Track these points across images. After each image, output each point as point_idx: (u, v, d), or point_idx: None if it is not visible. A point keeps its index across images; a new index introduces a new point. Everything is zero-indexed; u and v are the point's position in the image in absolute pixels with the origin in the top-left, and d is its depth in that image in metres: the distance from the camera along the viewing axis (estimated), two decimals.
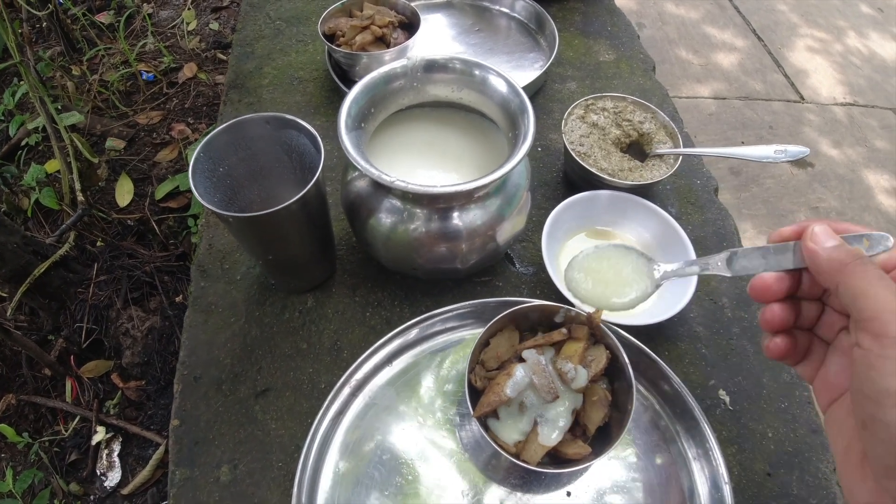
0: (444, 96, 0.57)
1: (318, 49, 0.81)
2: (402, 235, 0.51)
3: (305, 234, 0.52)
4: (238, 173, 0.53)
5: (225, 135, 0.50)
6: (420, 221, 0.51)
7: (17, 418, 1.08)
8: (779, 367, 0.59)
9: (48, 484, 1.02)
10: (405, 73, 0.54)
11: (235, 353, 0.57)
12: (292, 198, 0.47)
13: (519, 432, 0.47)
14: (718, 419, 0.55)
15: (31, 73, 1.12)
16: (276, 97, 0.76)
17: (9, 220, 1.01)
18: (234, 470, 0.51)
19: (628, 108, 0.67)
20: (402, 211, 0.51)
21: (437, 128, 0.60)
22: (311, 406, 0.54)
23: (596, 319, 0.49)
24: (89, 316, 1.08)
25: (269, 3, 0.88)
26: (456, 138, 0.59)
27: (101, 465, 1.05)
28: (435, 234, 0.51)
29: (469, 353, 0.49)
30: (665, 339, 0.59)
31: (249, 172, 0.54)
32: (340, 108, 0.50)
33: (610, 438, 0.47)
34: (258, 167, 0.55)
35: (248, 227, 0.48)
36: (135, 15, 1.55)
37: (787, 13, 2.16)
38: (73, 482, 1.02)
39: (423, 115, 0.60)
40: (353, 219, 0.54)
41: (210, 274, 0.61)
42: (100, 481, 1.03)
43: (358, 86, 0.52)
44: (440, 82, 0.55)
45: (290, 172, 0.55)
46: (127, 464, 1.05)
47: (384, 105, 0.55)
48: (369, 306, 0.59)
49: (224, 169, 0.52)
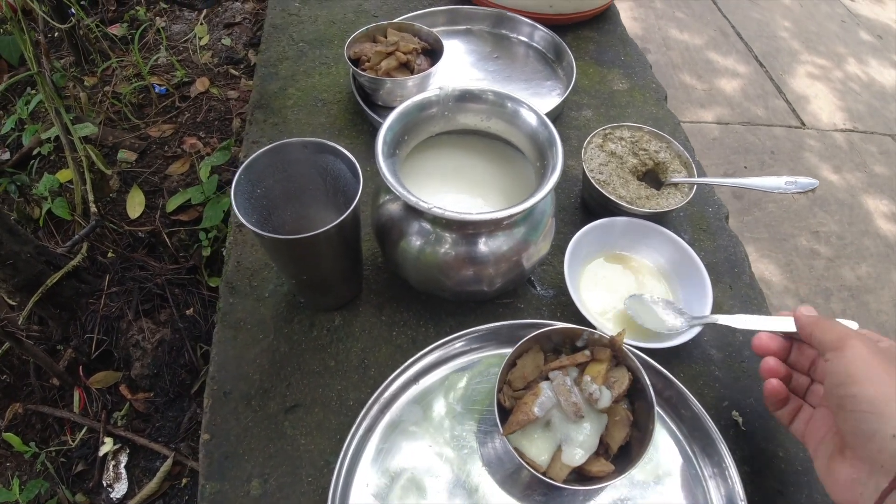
0: (472, 125, 0.59)
1: (341, 72, 0.83)
2: (432, 258, 0.53)
3: (339, 256, 0.54)
4: (273, 195, 0.55)
5: (265, 157, 0.52)
6: (450, 245, 0.53)
7: (24, 427, 1.08)
8: None
9: (54, 494, 1.02)
10: (438, 102, 0.56)
11: (264, 368, 0.58)
12: (324, 219, 0.49)
13: (545, 451, 0.49)
14: (732, 439, 0.57)
15: (47, 83, 1.13)
16: (301, 118, 0.78)
17: (22, 230, 1.02)
18: (265, 484, 0.52)
19: (644, 137, 0.69)
20: (433, 234, 0.53)
21: (464, 154, 0.62)
22: (340, 422, 0.55)
23: (619, 342, 0.51)
24: (100, 327, 1.08)
25: (291, 26, 0.90)
26: (482, 165, 0.62)
27: (107, 476, 1.05)
28: (463, 257, 0.53)
29: (497, 372, 0.51)
30: (680, 361, 0.61)
31: (284, 194, 0.56)
32: (377, 136, 0.52)
33: (631, 457, 0.49)
34: (292, 189, 0.56)
35: (286, 248, 0.50)
36: (147, 28, 1.57)
37: (788, 40, 2.22)
38: (79, 493, 1.02)
39: (450, 142, 0.62)
40: (384, 240, 0.56)
41: (238, 291, 0.63)
42: (106, 493, 1.03)
43: (394, 113, 0.54)
44: (471, 112, 0.58)
45: (322, 195, 0.57)
46: (133, 476, 1.05)
47: (416, 132, 0.57)
48: (395, 325, 0.61)
49: (261, 190, 0.54)
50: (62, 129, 1.16)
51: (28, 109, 1.28)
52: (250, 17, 1.64)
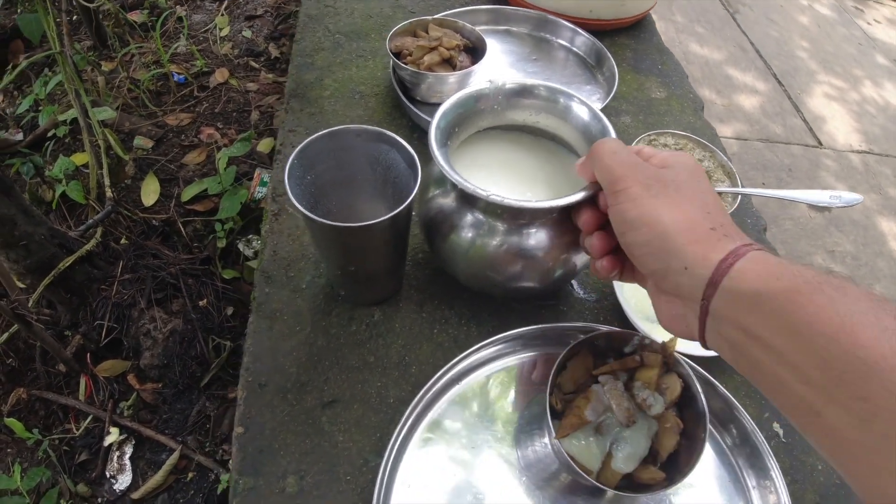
0: (521, 120, 0.58)
1: (379, 65, 0.82)
2: (483, 251, 0.52)
3: (389, 249, 0.53)
4: (322, 182, 0.54)
5: (319, 143, 0.51)
6: (503, 236, 0.51)
7: (27, 414, 1.05)
8: None
9: (55, 483, 0.99)
10: (490, 95, 0.55)
11: (301, 362, 0.57)
12: (371, 209, 0.47)
13: (596, 456, 0.48)
14: (773, 450, 0.56)
15: (68, 63, 1.11)
16: (338, 109, 0.77)
17: (37, 211, 1.00)
18: (301, 481, 0.51)
19: (688, 145, 0.69)
20: (486, 225, 0.51)
21: (511, 149, 0.61)
22: (380, 420, 0.54)
23: (671, 348, 0.50)
24: (111, 314, 1.06)
25: (327, 17, 0.89)
26: (529, 160, 0.61)
27: (111, 467, 1.02)
28: (516, 250, 0.52)
29: (549, 374, 0.50)
30: (722, 371, 0.60)
31: (332, 182, 0.55)
32: (431, 125, 0.51)
33: (679, 465, 0.48)
34: (341, 178, 0.55)
35: (339, 236, 0.49)
36: (168, 16, 1.56)
37: (806, 60, 2.24)
38: (80, 483, 0.99)
39: (497, 137, 0.61)
40: (433, 234, 0.55)
41: (275, 281, 0.61)
42: (109, 484, 1.01)
43: (448, 102, 0.53)
44: (521, 107, 0.57)
45: (371, 185, 0.56)
46: (138, 468, 1.03)
47: (466, 125, 0.56)
48: (437, 323, 0.59)
49: (311, 177, 0.52)
50: (81, 111, 1.14)
51: (46, 90, 1.26)
52: (272, 10, 1.63)
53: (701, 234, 0.35)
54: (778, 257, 0.33)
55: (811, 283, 0.30)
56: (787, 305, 0.30)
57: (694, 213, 0.36)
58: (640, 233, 0.37)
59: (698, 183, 0.38)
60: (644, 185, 0.38)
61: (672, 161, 0.40)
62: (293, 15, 1.62)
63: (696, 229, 0.35)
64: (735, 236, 0.35)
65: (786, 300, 0.30)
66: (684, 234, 0.35)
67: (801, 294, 0.29)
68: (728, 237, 0.35)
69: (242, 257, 1.19)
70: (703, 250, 0.34)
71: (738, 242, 0.34)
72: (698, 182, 0.38)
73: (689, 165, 0.40)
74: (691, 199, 0.37)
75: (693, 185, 0.38)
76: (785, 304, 0.30)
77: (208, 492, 1.00)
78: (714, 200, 0.38)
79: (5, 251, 0.96)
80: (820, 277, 0.30)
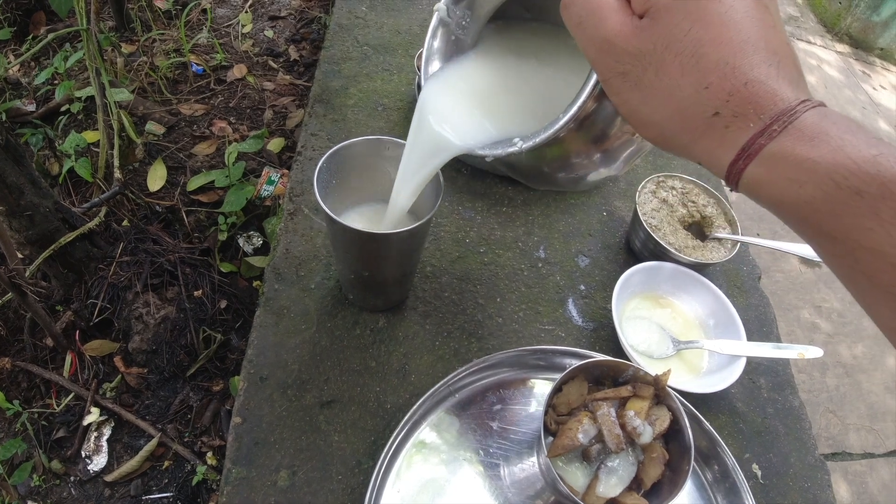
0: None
1: (404, 81, 0.85)
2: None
3: (404, 259, 0.54)
4: (344, 188, 0.56)
5: (346, 150, 0.53)
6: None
7: (9, 384, 1.04)
8: (805, 449, 0.63)
9: (30, 457, 0.98)
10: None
11: (304, 359, 0.58)
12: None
13: (583, 478, 0.49)
14: (750, 490, 0.59)
15: (92, 40, 1.13)
16: (361, 119, 0.79)
17: (45, 183, 1.00)
18: (293, 476, 0.52)
19: (694, 190, 0.72)
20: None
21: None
22: (376, 424, 0.55)
23: (663, 382, 0.52)
24: (105, 294, 1.06)
25: (357, 28, 0.92)
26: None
27: (87, 447, 1.01)
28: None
29: (545, 395, 0.51)
30: (708, 409, 0.62)
31: (352, 189, 0.57)
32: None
33: (662, 495, 0.50)
34: (362, 185, 0.57)
35: (360, 242, 0.50)
36: (193, 7, 1.58)
37: None
38: (55, 459, 0.99)
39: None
40: None
41: (285, 278, 0.63)
42: (84, 463, 1.00)
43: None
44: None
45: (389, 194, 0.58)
46: (114, 450, 1.02)
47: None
48: (439, 336, 0.61)
49: (336, 182, 0.54)
50: (99, 89, 1.15)
51: (66, 65, 1.27)
52: (295, 13, 1.66)
53: (700, 125, 0.27)
54: (808, 138, 0.24)
55: (842, 188, 0.23)
56: (812, 217, 0.25)
57: (686, 98, 0.27)
58: (641, 132, 0.30)
59: (689, 32, 0.26)
60: (620, 74, 0.29)
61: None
62: (316, 20, 1.65)
63: (694, 120, 0.27)
64: (751, 114, 0.26)
65: (811, 212, 0.25)
66: (682, 133, 0.28)
67: (819, 212, 0.24)
68: (739, 117, 0.26)
69: (241, 252, 1.20)
70: (709, 146, 0.28)
71: (754, 129, 0.26)
72: (690, 28, 0.26)
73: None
74: (681, 73, 0.27)
75: (681, 41, 0.27)
76: (810, 217, 0.25)
77: (182, 482, 1.00)
78: (725, 39, 0.26)
79: (9, 219, 0.96)
80: (853, 180, 0.23)
